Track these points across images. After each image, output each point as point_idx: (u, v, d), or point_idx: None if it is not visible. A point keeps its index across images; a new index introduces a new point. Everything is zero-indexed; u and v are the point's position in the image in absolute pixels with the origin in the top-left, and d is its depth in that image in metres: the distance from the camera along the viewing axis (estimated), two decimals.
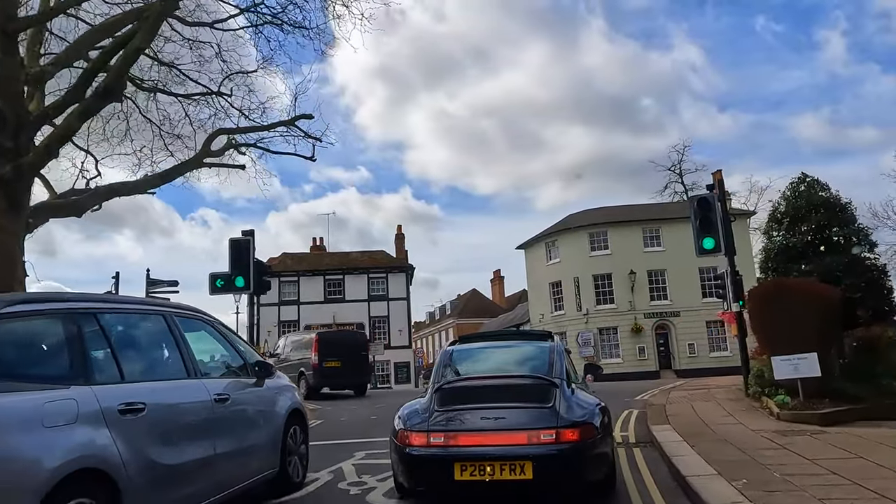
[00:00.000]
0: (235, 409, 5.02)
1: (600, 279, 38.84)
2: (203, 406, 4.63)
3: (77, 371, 3.70)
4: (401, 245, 44.41)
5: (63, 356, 3.74)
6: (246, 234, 13.98)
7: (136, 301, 5.13)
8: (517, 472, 4.63)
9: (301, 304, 40.75)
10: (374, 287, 41.71)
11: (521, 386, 5.42)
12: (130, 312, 4.65)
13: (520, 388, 5.38)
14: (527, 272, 43.85)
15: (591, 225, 39.84)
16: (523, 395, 5.25)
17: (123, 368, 4.06)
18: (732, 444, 7.01)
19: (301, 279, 41.32)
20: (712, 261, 38.95)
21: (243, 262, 13.67)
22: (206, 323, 5.40)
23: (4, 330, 3.43)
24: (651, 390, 17.63)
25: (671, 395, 14.20)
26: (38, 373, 3.59)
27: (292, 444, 5.92)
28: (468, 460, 4.73)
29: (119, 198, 14.49)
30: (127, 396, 3.87)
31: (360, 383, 19.91)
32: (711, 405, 11.13)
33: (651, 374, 36.41)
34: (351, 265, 41.92)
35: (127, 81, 12.47)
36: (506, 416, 5.02)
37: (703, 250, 11.97)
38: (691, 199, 12.29)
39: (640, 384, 22.98)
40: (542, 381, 5.37)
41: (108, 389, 3.80)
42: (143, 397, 3.98)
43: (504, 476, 4.64)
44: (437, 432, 4.94)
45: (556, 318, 40.00)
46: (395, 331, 41.09)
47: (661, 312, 38.17)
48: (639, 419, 10.45)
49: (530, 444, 4.74)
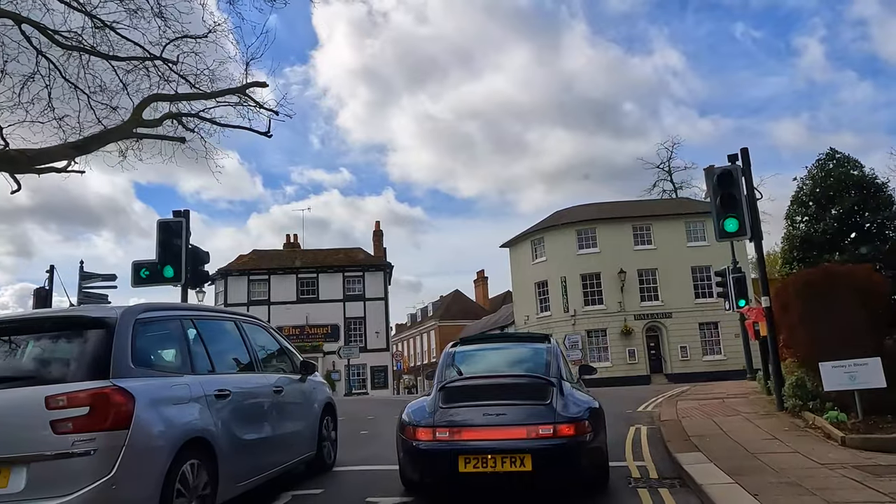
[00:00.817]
0: (287, 400, 5.97)
1: (588, 279, 36.89)
2: (266, 394, 5.60)
3: (186, 363, 4.76)
4: (379, 243, 42.02)
5: (178, 351, 4.82)
6: (178, 216, 11.69)
7: (216, 309, 6.34)
8: (517, 465, 4.91)
9: (272, 305, 38.26)
10: (350, 286, 39.28)
11: (521, 384, 5.65)
12: (214, 319, 5.63)
13: (519, 386, 5.62)
14: (511, 272, 41.79)
15: (579, 222, 37.89)
16: (522, 393, 5.47)
17: (214, 362, 5.08)
18: (808, 489, 4.92)
19: (272, 278, 38.80)
20: (706, 259, 37.28)
21: (174, 249, 11.38)
22: (263, 328, 6.46)
23: (143, 330, 4.43)
24: (652, 399, 15.61)
25: (679, 405, 12.16)
26: (163, 364, 4.67)
27: (325, 432, 6.90)
28: (472, 453, 5.00)
29: (38, 175, 12.18)
30: (219, 384, 4.86)
31: None
32: (739, 421, 9.07)
33: (641, 379, 34.56)
34: (325, 263, 39.44)
35: None
36: (506, 412, 5.23)
37: (725, 233, 9.91)
38: (710, 171, 10.22)
39: (635, 391, 20.98)
40: (540, 380, 5.60)
41: (207, 378, 4.81)
42: (228, 385, 4.96)
43: (505, 468, 4.92)
44: (443, 427, 5.19)
45: (541, 320, 37.97)
46: (371, 333, 38.70)
47: (652, 314, 36.31)
48: (652, 441, 8.35)
49: (529, 439, 5.00)
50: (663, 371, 35.77)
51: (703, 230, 37.32)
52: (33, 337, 4.31)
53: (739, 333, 37.66)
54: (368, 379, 38.24)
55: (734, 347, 36.21)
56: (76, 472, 3.61)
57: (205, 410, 4.52)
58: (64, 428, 3.66)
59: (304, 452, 6.30)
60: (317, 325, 38.05)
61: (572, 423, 5.05)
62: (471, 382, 5.86)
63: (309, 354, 37.57)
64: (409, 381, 66.26)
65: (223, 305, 38.35)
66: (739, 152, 10.15)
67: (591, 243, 37.40)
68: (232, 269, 38.76)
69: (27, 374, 4.04)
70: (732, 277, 21.56)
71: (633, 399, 15.63)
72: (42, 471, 3.61)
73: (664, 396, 16.34)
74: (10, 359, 4.26)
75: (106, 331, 4.13)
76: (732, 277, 21.56)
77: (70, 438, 3.64)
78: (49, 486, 3.59)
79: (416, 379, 64.63)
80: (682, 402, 12.94)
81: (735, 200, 9.87)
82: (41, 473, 3.61)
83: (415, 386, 64.34)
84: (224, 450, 4.59)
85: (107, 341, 4.08)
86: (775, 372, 9.62)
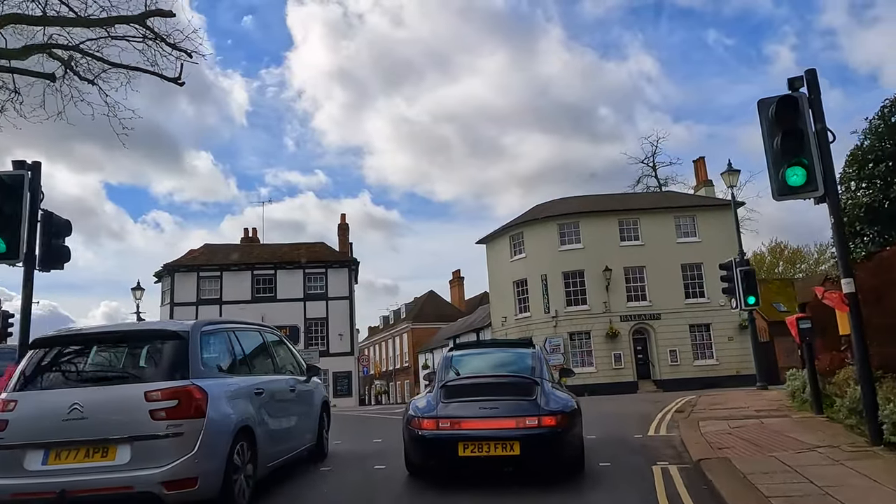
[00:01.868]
0: (298, 398, 7.22)
1: (571, 276, 34.01)
2: (286, 393, 6.88)
3: (234, 367, 6.01)
4: (344, 238, 38.44)
5: (228, 357, 6.01)
6: (19, 167, 8.37)
7: (247, 322, 7.24)
8: (508, 450, 5.90)
9: (224, 304, 34.66)
10: (312, 284, 35.79)
11: (510, 383, 6.60)
12: (247, 330, 6.84)
13: (508, 384, 6.57)
14: (488, 270, 38.72)
15: (561, 215, 35.01)
16: (511, 390, 6.44)
17: (251, 366, 6.39)
18: None
19: (225, 275, 35.16)
20: (697, 256, 34.51)
21: (12, 214, 8.10)
22: (278, 336, 7.76)
23: (206, 340, 5.60)
24: (658, 415, 12.64)
25: (705, 428, 9.17)
26: (220, 367, 5.75)
27: (323, 425, 8.21)
28: (470, 440, 5.96)
29: None
30: (256, 384, 6.07)
31: None
32: (822, 462, 6.05)
33: (628, 386, 31.76)
34: (284, 259, 35.88)
35: None
36: (498, 406, 6.19)
37: (788, 189, 6.91)
38: (765, 103, 7.18)
39: (628, 402, 17.99)
40: (527, 380, 6.61)
41: (247, 379, 6.03)
42: (262, 385, 6.18)
43: (497, 452, 5.91)
44: (445, 419, 6.12)
45: (520, 322, 34.99)
46: (334, 335, 35.28)
47: (639, 314, 33.56)
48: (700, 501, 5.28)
49: (518, 428, 5.96)
50: (651, 377, 33.03)
51: (693, 225, 34.72)
52: (129, 345, 5.54)
53: (733, 336, 35.36)
54: (331, 386, 34.77)
55: (728, 351, 33.65)
56: (168, 449, 4.68)
57: (248, 405, 5.68)
58: (159, 416, 4.73)
59: (309, 441, 7.51)
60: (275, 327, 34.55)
61: (554, 415, 6.03)
62: (467, 381, 6.72)
63: None
64: (381, 386, 62.69)
65: (169, 305, 34.70)
66: (805, 75, 7.16)
67: (573, 238, 34.55)
68: (179, 265, 35.06)
69: (128, 374, 5.21)
70: (740, 271, 18.69)
71: (634, 416, 12.62)
72: (143, 448, 4.68)
73: (671, 411, 13.38)
74: (112, 362, 5.49)
75: (183, 341, 5.27)
76: (740, 271, 18.69)
77: (164, 423, 4.72)
78: (149, 459, 4.65)
79: (389, 385, 61.18)
80: (706, 422, 9.95)
81: (802, 141, 6.88)
82: (142, 450, 4.67)
83: (386, 392, 60.88)
84: (261, 436, 5.75)
85: (185, 349, 5.22)
86: (865, 386, 6.54)
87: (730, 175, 19.98)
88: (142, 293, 29.23)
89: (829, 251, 60.91)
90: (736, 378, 32.21)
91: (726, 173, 20.03)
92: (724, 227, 35.35)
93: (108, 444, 4.67)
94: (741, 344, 33.47)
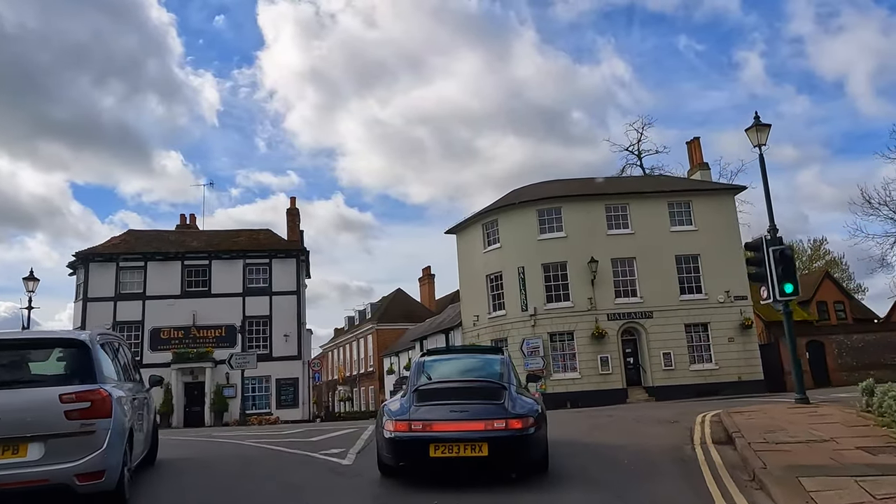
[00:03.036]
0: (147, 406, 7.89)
1: (552, 269, 29.76)
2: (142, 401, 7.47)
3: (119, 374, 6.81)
4: (294, 223, 33.42)
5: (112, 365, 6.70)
6: None
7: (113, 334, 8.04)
8: (476, 451, 6.30)
9: (148, 300, 29.59)
10: (253, 277, 30.87)
11: (479, 388, 7.14)
12: (116, 339, 7.55)
13: (478, 389, 7.11)
14: (458, 264, 34.27)
15: (540, 200, 30.75)
16: (480, 394, 6.94)
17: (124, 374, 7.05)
18: None
19: (149, 265, 30.04)
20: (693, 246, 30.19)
21: None
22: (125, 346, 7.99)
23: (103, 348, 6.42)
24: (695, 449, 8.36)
25: (819, 494, 4.80)
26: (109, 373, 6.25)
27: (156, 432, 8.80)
28: (440, 442, 6.36)
29: None
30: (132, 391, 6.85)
31: None
32: None
33: (617, 394, 27.62)
34: (221, 248, 30.90)
35: None
36: (468, 409, 6.64)
37: None
38: None
39: (626, 423, 13.64)
40: (495, 385, 7.14)
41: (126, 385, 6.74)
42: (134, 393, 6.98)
43: (467, 454, 6.31)
44: (417, 421, 6.53)
45: (494, 321, 30.63)
46: (278, 336, 30.42)
47: (629, 312, 29.41)
48: None
49: (486, 430, 6.40)
50: (642, 383, 28.91)
51: (688, 212, 30.74)
52: (35, 351, 6.06)
53: (734, 337, 31.37)
54: (273, 395, 29.93)
55: (728, 354, 29.60)
56: (82, 445, 5.18)
57: (130, 409, 6.24)
58: (74, 416, 5.20)
59: (149, 446, 8.07)
60: (207, 326, 29.61)
61: (520, 418, 6.55)
62: (439, 386, 7.26)
63: (195, 364, 29.10)
64: (345, 392, 57.76)
65: (82, 300, 29.56)
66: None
67: (555, 226, 30.29)
68: (95, 254, 29.89)
69: (37, 378, 5.76)
70: (773, 252, 14.48)
71: (655, 452, 8.24)
72: (57, 445, 5.11)
73: (707, 442, 9.06)
74: (22, 366, 5.83)
75: (86, 348, 5.80)
76: (773, 252, 14.48)
77: (78, 423, 5.21)
78: (62, 454, 5.12)
79: (353, 391, 56.34)
80: (809, 480, 5.59)
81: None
82: (56, 447, 5.11)
83: (350, 398, 56.02)
84: (136, 438, 6.41)
85: (88, 356, 5.74)
86: None
87: (757, 131, 15.72)
88: (35, 284, 24.17)
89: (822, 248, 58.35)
90: (738, 385, 28.26)
91: (752, 129, 15.78)
92: (723, 214, 31.48)
93: (18, 442, 5.08)
94: (743, 346, 29.56)
